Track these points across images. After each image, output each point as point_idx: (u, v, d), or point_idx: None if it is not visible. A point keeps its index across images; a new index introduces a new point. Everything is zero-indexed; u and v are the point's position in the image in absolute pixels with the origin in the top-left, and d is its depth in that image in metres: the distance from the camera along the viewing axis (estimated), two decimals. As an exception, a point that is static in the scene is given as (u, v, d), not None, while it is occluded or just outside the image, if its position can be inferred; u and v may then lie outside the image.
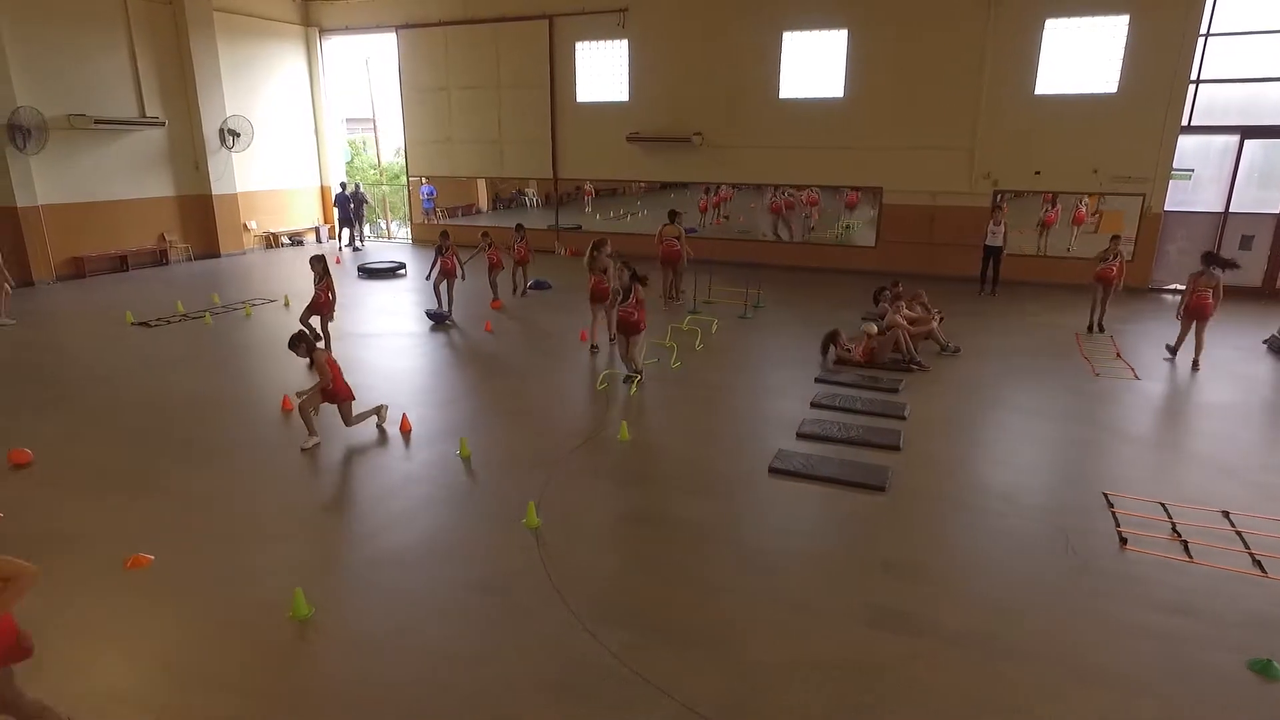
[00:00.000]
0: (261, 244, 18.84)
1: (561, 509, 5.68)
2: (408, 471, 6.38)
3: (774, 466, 6.36)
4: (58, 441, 6.89)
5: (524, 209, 20.86)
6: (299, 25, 19.35)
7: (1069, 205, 14.30)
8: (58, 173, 14.39)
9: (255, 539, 5.32)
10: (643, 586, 4.74)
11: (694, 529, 5.44)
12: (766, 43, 15.50)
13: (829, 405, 7.86)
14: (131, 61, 15.53)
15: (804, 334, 10.90)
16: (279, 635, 4.27)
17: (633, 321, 8.40)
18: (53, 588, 4.69)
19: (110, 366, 9.28)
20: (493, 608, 4.53)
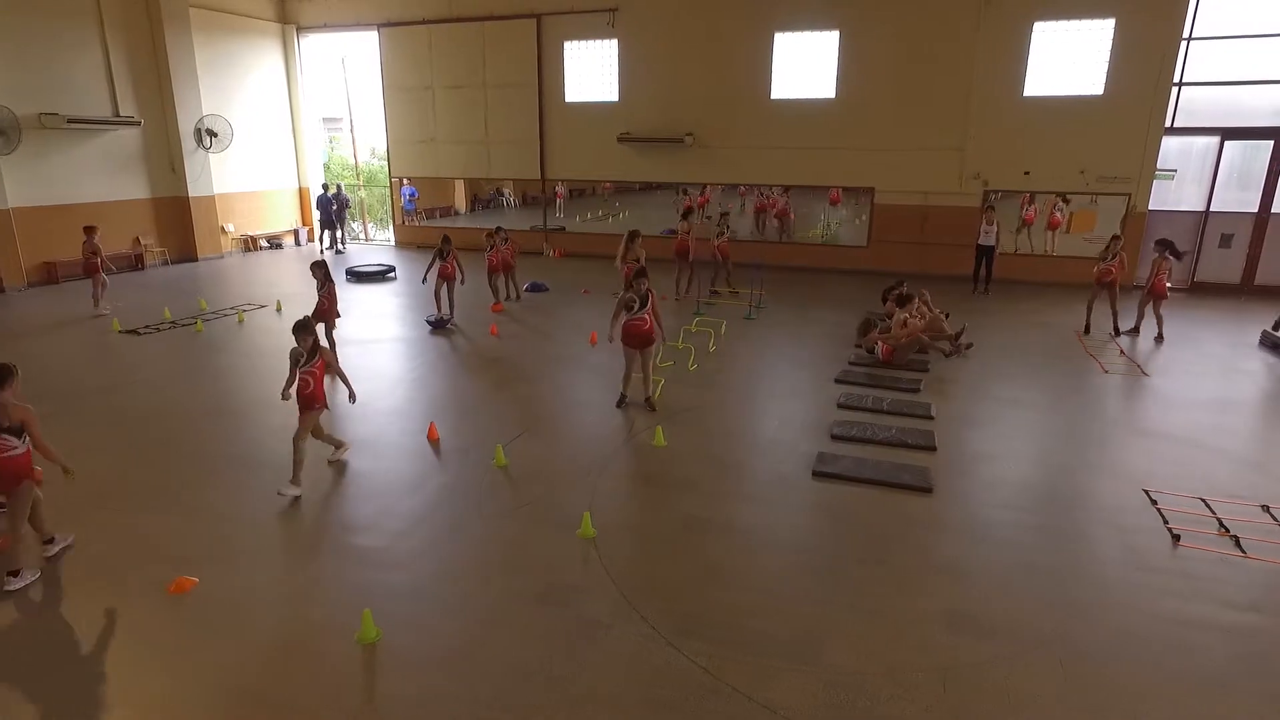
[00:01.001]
0: (239, 247, 18.30)
1: (613, 518, 5.58)
2: (444, 483, 6.21)
3: (817, 470, 6.34)
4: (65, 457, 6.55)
5: (502, 210, 20.75)
6: (276, 22, 18.84)
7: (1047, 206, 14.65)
8: (28, 174, 13.78)
9: (297, 556, 5.13)
10: (712, 595, 4.66)
11: (750, 535, 5.38)
12: (758, 43, 15.53)
13: (856, 406, 7.87)
14: (104, 58, 14.95)
15: (810, 334, 10.95)
16: (347, 657, 4.10)
17: (644, 332, 7.55)
18: (96, 614, 4.47)
19: (108, 377, 8.90)
20: (562, 621, 4.42)
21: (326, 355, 6.18)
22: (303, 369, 6.00)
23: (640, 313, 7.51)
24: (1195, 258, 14.09)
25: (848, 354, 9.86)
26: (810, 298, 13.46)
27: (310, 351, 6.03)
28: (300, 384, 6.03)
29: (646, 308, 7.54)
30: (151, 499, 5.92)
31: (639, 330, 7.55)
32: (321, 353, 6.11)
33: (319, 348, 6.11)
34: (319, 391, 6.12)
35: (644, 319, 7.53)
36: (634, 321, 7.53)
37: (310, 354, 6.03)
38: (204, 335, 10.76)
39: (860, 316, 10.70)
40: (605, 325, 11.10)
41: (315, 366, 6.05)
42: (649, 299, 7.56)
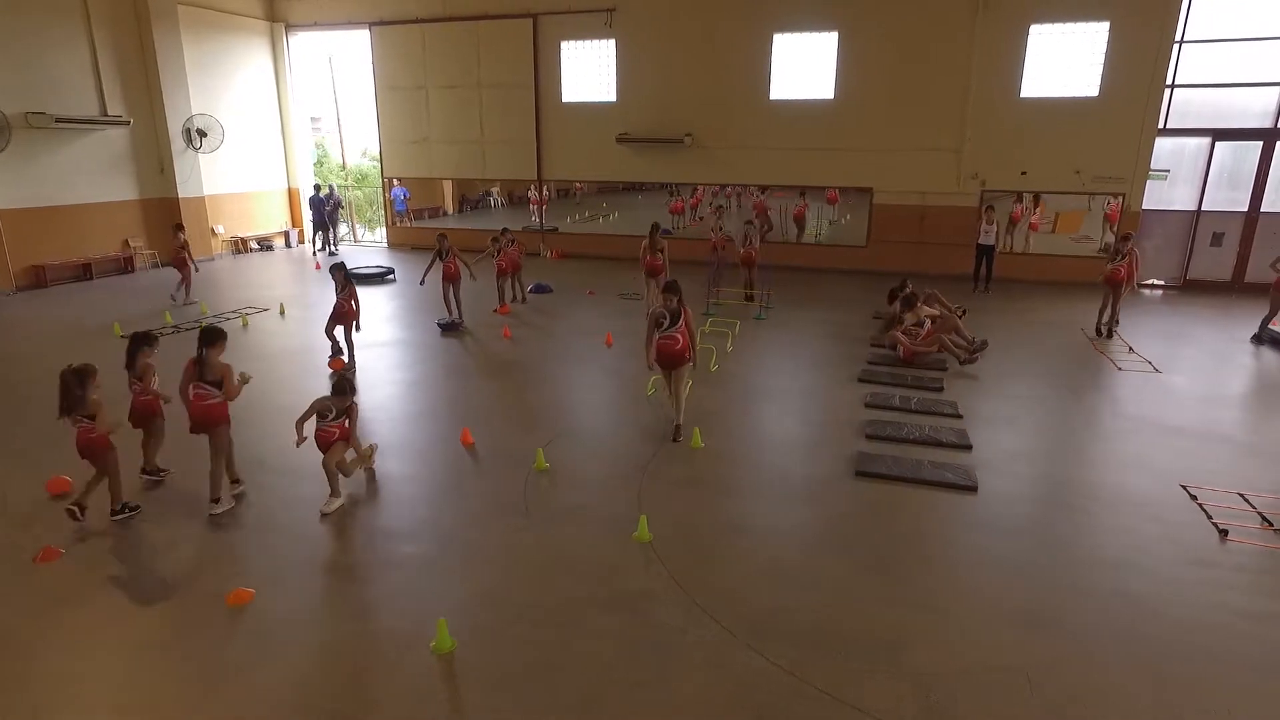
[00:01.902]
0: (230, 249, 17.96)
1: (665, 521, 5.55)
2: (487, 488, 6.14)
3: (860, 469, 6.37)
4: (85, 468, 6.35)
5: (489, 211, 20.64)
6: (264, 20, 18.51)
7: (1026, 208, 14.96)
8: (14, 175, 13.40)
9: (349, 566, 5.03)
10: (781, 598, 4.65)
11: (805, 536, 5.39)
12: (757, 44, 15.58)
13: (884, 405, 7.92)
14: (91, 56, 14.59)
15: (820, 333, 11.01)
16: (424, 667, 4.03)
17: (675, 352, 6.83)
18: (155, 629, 4.34)
19: (116, 384, 8.64)
20: (634, 626, 4.38)
21: (353, 416, 5.82)
22: (326, 425, 5.72)
23: (671, 330, 6.82)
24: (1188, 256, 14.41)
25: (862, 352, 9.93)
26: (812, 297, 13.53)
27: (341, 412, 5.73)
28: (320, 434, 5.73)
29: (678, 325, 6.83)
30: (186, 507, 5.77)
31: (669, 350, 6.85)
32: (351, 412, 5.78)
33: (353, 408, 5.81)
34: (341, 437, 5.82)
35: (675, 337, 6.81)
36: (664, 340, 6.84)
37: (340, 414, 5.73)
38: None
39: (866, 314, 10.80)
40: (617, 325, 11.16)
41: (339, 425, 5.73)
42: (681, 314, 6.85)
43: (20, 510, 5.69)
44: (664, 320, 6.81)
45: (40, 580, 4.81)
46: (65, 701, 3.79)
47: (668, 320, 6.81)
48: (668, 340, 6.85)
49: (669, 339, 6.84)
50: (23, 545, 5.17)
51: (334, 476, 5.78)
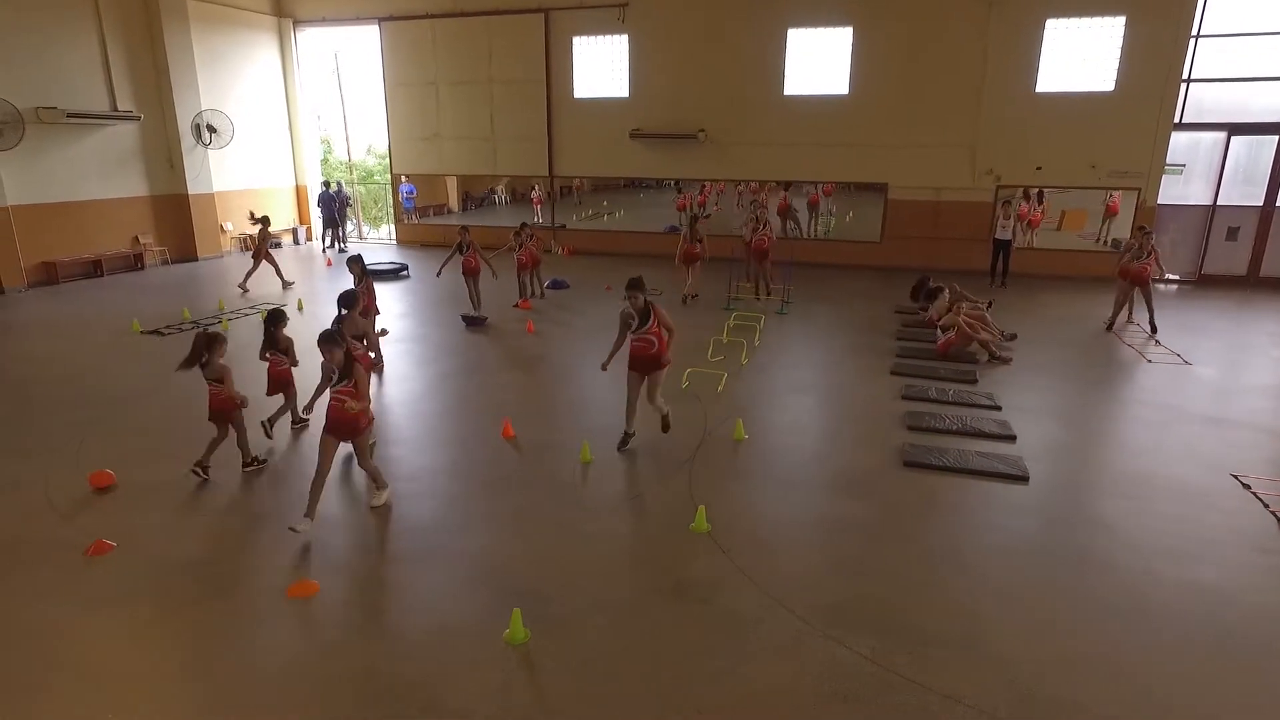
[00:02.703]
0: (238, 246, 17.81)
1: (721, 512, 5.49)
2: (536, 481, 6.07)
3: (908, 460, 6.33)
4: (124, 463, 6.26)
5: (493, 209, 20.59)
6: (272, 16, 18.37)
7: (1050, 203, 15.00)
8: (26, 171, 13.24)
9: (411, 560, 4.95)
10: (852, 588, 4.60)
11: (865, 526, 5.34)
12: (771, 39, 15.55)
13: (921, 397, 7.89)
14: (102, 51, 14.43)
15: (844, 327, 10.99)
16: (500, 659, 3.96)
17: (652, 355, 6.27)
18: (217, 620, 4.26)
19: (143, 380, 8.56)
20: (707, 616, 4.32)
21: (360, 374, 5.15)
22: (335, 389, 5.14)
23: (643, 331, 6.22)
24: (1203, 250, 14.45)
25: (888, 345, 9.92)
26: (830, 293, 13.50)
27: (344, 368, 5.11)
28: (331, 405, 5.14)
29: (650, 325, 6.22)
30: (231, 503, 5.69)
31: (645, 353, 6.26)
32: (356, 369, 5.13)
33: (354, 362, 5.14)
34: (361, 414, 5.22)
35: (649, 339, 6.22)
36: (639, 342, 6.26)
37: (344, 371, 5.11)
38: (231, 335, 10.41)
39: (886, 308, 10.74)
40: None
41: (348, 389, 5.11)
42: (651, 313, 6.21)
43: (65, 505, 5.59)
44: (633, 321, 6.19)
45: (94, 574, 4.72)
46: (132, 701, 3.71)
47: (636, 321, 6.19)
48: (642, 343, 6.25)
49: (644, 341, 6.25)
50: (72, 540, 5.07)
51: (376, 471, 5.64)
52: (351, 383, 5.13)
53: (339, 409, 5.12)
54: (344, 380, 5.12)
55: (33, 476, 6.03)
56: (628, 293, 6.19)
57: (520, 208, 19.56)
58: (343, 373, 5.12)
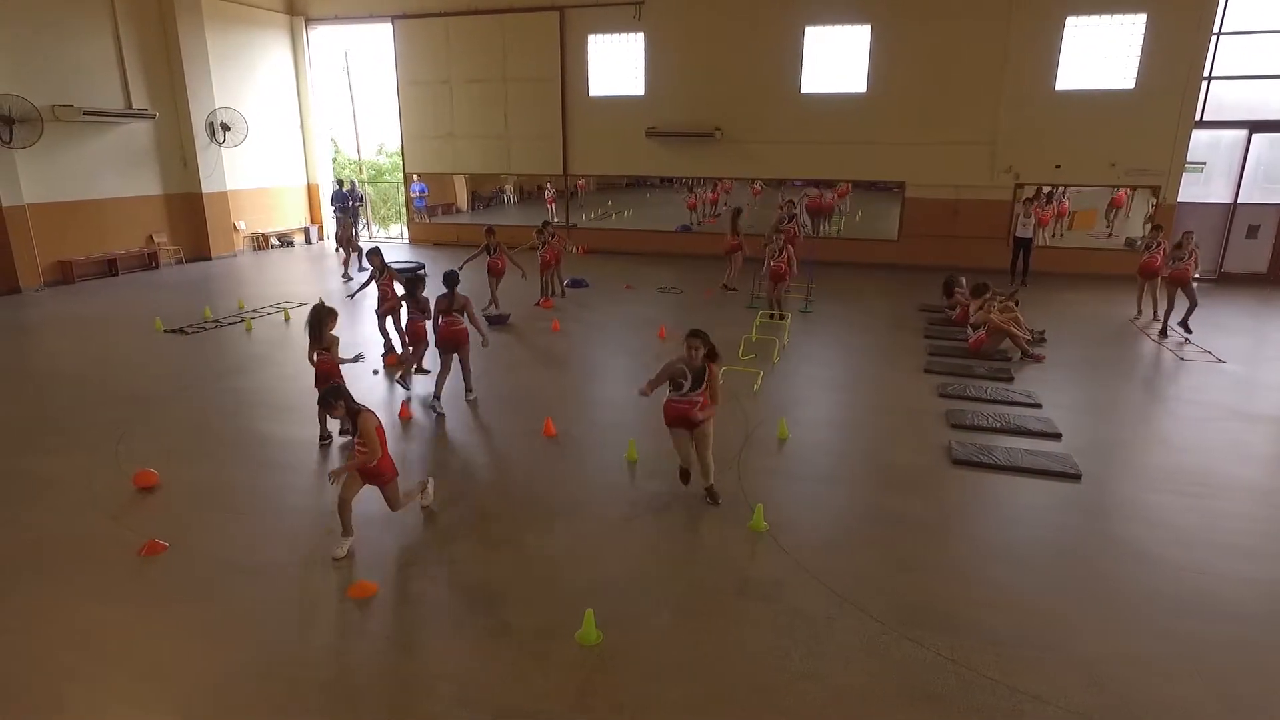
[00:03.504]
0: (250, 245, 17.72)
1: (776, 510, 5.43)
2: (585, 482, 6.01)
3: (957, 458, 6.28)
4: (164, 462, 6.18)
5: (502, 208, 20.54)
6: (284, 14, 18.28)
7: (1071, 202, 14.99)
8: (42, 169, 13.13)
9: (469, 561, 4.88)
10: (921, 586, 4.55)
11: (924, 525, 5.29)
12: (788, 37, 15.49)
13: (960, 395, 7.84)
14: (116, 48, 14.33)
15: (869, 325, 10.96)
16: (573, 659, 3.90)
17: (686, 416, 5.28)
18: (277, 622, 4.19)
19: (173, 379, 8.47)
20: (777, 614, 4.26)
21: (368, 422, 4.74)
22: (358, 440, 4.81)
23: (691, 394, 5.20)
24: (1223, 248, 14.43)
25: (917, 344, 9.87)
26: (850, 292, 13.45)
27: (353, 419, 4.78)
28: (360, 461, 4.78)
29: (699, 389, 5.19)
30: (282, 503, 5.62)
31: (683, 413, 5.27)
32: (363, 419, 4.74)
33: (360, 411, 4.79)
34: (386, 461, 4.91)
35: (694, 401, 5.21)
36: (678, 403, 5.27)
37: (354, 423, 4.78)
38: (254, 334, 10.34)
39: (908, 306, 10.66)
40: (665, 319, 11.04)
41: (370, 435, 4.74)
42: (706, 375, 5.18)
43: (111, 505, 5.51)
44: (684, 382, 5.18)
45: (150, 574, 4.65)
46: (196, 702, 3.64)
47: (688, 383, 5.18)
48: (683, 405, 5.24)
49: (685, 403, 5.23)
50: (125, 540, 5.00)
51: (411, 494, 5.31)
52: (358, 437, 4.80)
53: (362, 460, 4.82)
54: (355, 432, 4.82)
55: (74, 475, 5.96)
56: (689, 342, 5.13)
57: (527, 207, 19.51)
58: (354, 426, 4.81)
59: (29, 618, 4.22)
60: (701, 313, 11.74)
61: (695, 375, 5.18)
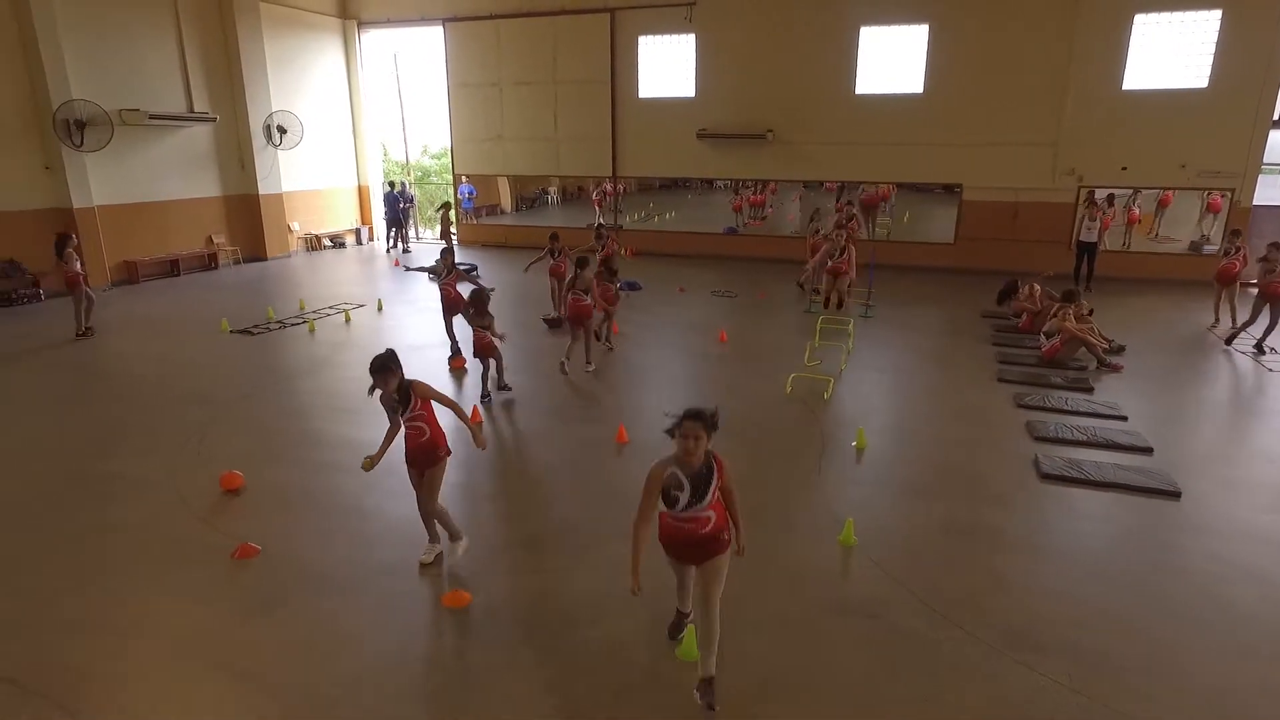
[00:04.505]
0: (304, 246, 17.99)
1: (865, 523, 5.30)
2: (662, 487, 5.92)
3: (1045, 472, 6.08)
4: (246, 464, 6.24)
5: (546, 209, 20.63)
6: (337, 17, 18.52)
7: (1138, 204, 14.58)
8: (109, 171, 13.45)
9: (556, 569, 4.83)
10: (1025, 607, 4.38)
11: (1018, 542, 5.12)
12: (843, 38, 15.28)
13: (1040, 406, 7.61)
14: (179, 54, 14.64)
15: (932, 330, 10.74)
16: (673, 674, 3.82)
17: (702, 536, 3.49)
18: (374, 630, 4.18)
19: (246, 380, 8.59)
20: (880, 633, 4.14)
21: (423, 389, 4.56)
22: (406, 419, 4.55)
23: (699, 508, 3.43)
24: None
25: (986, 351, 9.64)
26: (907, 296, 13.19)
27: (403, 394, 4.50)
28: (409, 437, 4.58)
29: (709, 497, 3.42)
30: (366, 508, 5.63)
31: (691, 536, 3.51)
32: (416, 388, 4.52)
33: (411, 386, 4.53)
34: (438, 437, 4.64)
35: (703, 518, 3.45)
36: (681, 522, 3.49)
37: (405, 397, 4.51)
38: (317, 335, 10.46)
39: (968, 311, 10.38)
40: (723, 322, 10.96)
41: (421, 409, 4.55)
42: (715, 475, 3.42)
43: (200, 506, 5.57)
44: (679, 495, 3.38)
45: (245, 578, 4.68)
46: (300, 710, 3.63)
47: (685, 495, 3.38)
48: (689, 523, 3.47)
49: (691, 521, 3.46)
50: (216, 542, 5.04)
51: (448, 519, 4.84)
52: (415, 408, 4.53)
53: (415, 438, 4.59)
54: (407, 407, 4.53)
55: (160, 476, 6.04)
56: (684, 430, 3.32)
57: (570, 209, 19.56)
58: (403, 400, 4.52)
59: (128, 618, 4.26)
60: (758, 316, 11.62)
61: (695, 482, 3.39)
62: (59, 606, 4.39)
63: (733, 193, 17.96)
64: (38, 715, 3.56)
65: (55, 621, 4.25)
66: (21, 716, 3.56)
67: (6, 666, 3.87)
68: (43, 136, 12.39)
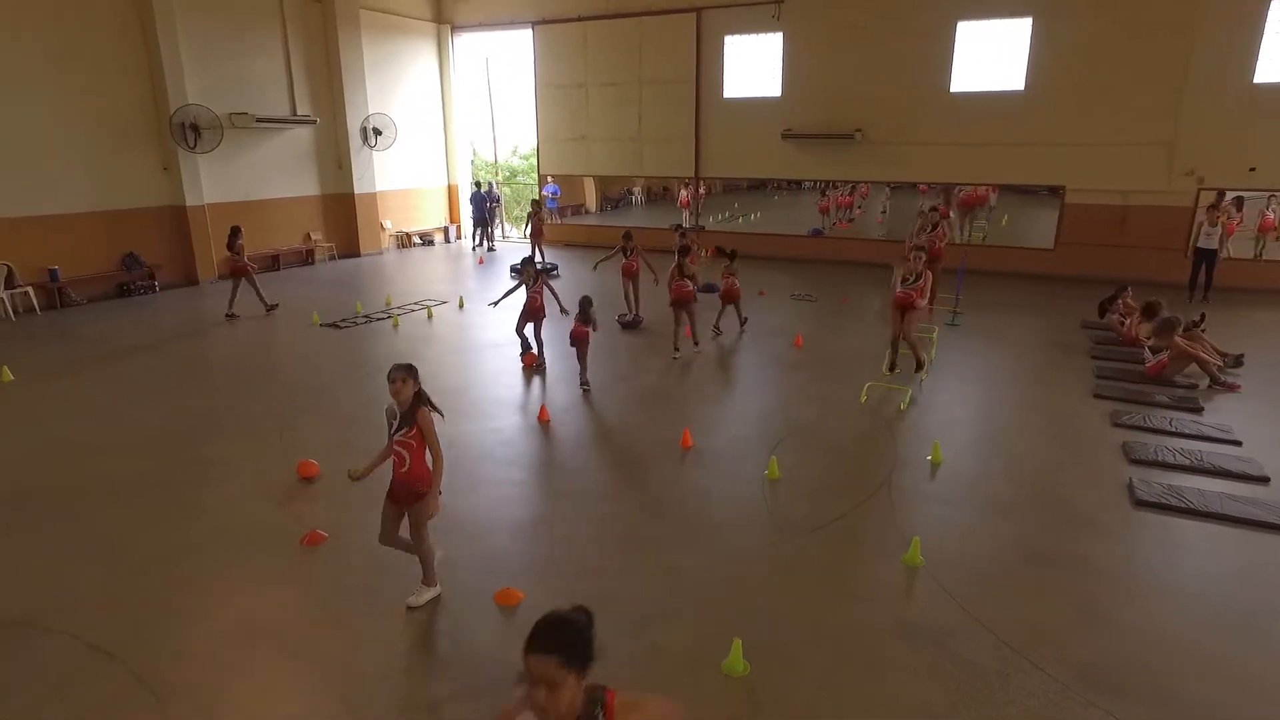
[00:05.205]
0: (395, 243, 18.68)
1: (934, 542, 5.03)
2: (725, 499, 5.80)
3: (1140, 498, 5.62)
4: (324, 453, 6.48)
5: (629, 209, 20.68)
6: (433, 22, 19.13)
7: None
8: (219, 171, 14.32)
9: (612, 574, 4.79)
10: (1108, 645, 4.05)
11: (1103, 572, 4.74)
12: (938, 33, 14.65)
13: (1140, 426, 7.06)
14: (285, 60, 15.43)
15: (1029, 343, 10.12)
16: (720, 691, 3.72)
17: None
18: (430, 621, 4.25)
19: (329, 372, 8.97)
20: (944, 664, 3.91)
21: (426, 420, 4.15)
22: (396, 437, 4.16)
23: None
24: None
25: (1082, 363, 9.03)
26: (1000, 303, 12.53)
27: (409, 413, 4.12)
28: (395, 460, 4.18)
29: None
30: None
31: None
32: (420, 416, 4.12)
33: (417, 411, 4.12)
34: (419, 471, 4.18)
35: None
36: None
37: (407, 416, 4.13)
38: (401, 330, 10.81)
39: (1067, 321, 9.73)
40: (801, 326, 10.70)
41: (412, 437, 4.13)
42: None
43: (278, 492, 5.83)
44: None
45: (309, 563, 4.86)
46: (359, 696, 3.72)
47: None
48: None
49: None
50: (289, 528, 5.25)
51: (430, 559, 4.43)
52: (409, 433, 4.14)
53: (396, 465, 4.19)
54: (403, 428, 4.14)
55: (245, 462, 6.36)
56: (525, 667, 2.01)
57: (654, 210, 19.56)
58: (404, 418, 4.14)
59: (202, 597, 4.48)
60: (838, 321, 11.29)
61: None
62: (145, 581, 4.67)
63: (819, 194, 17.59)
64: (116, 683, 3.78)
65: (139, 595, 4.52)
66: (102, 682, 3.79)
67: (98, 635, 4.13)
68: (161, 139, 13.30)
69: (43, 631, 4.18)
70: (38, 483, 6.01)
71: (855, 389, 8.02)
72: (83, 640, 4.08)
